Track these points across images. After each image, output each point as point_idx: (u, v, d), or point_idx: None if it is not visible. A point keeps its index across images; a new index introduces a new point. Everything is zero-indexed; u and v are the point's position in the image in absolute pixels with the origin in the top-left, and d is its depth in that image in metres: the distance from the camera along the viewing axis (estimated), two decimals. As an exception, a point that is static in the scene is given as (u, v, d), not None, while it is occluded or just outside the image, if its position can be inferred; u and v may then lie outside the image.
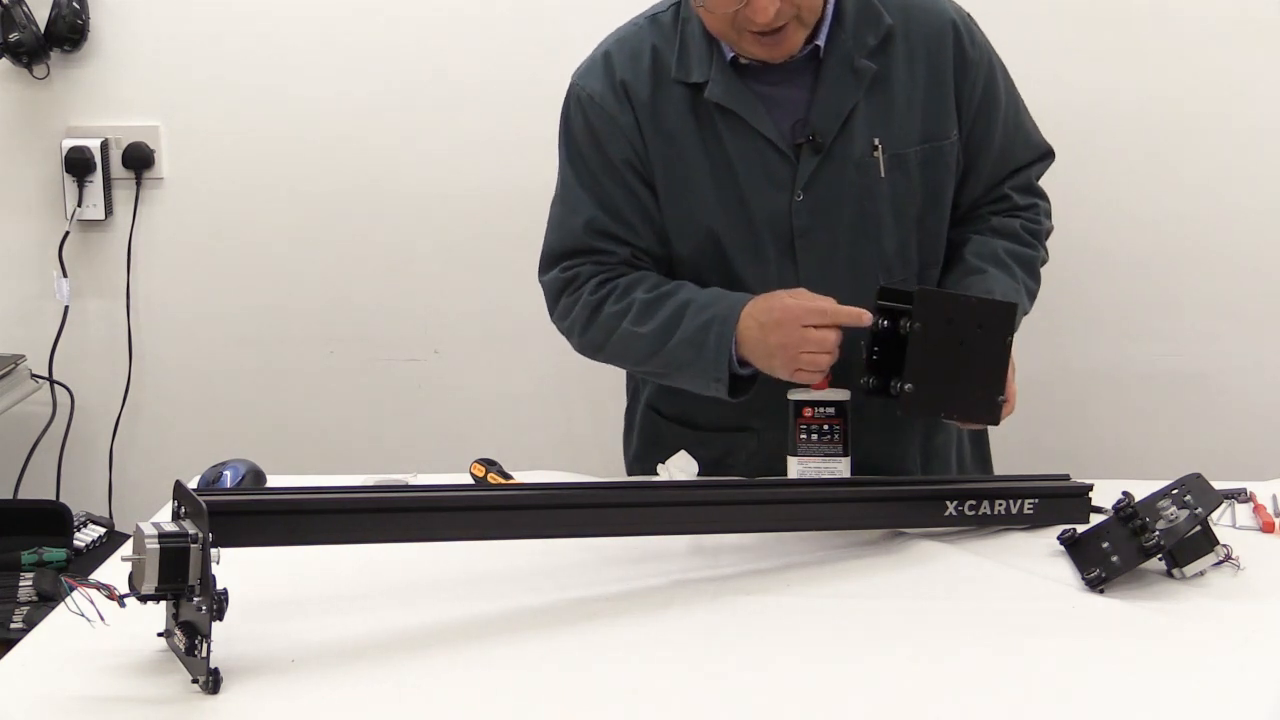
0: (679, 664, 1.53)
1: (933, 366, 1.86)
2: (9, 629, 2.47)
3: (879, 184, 2.01)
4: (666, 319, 1.96)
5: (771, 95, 1.99)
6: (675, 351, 1.96)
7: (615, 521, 1.75)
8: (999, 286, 2.02)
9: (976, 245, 2.09)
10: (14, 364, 3.00)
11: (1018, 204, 2.14)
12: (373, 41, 2.97)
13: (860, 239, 2.02)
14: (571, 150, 2.08)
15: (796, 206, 2.00)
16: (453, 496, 1.74)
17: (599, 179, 2.04)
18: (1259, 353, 2.92)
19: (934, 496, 1.87)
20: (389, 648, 1.55)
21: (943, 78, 2.02)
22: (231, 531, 1.47)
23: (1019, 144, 2.13)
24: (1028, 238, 2.12)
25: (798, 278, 2.01)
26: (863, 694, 1.47)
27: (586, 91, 2.05)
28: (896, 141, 2.01)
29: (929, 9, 2.04)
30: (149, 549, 1.42)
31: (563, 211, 2.09)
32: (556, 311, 2.11)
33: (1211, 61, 2.83)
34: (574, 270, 2.06)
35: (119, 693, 1.46)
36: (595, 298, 2.03)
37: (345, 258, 3.05)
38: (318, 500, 1.65)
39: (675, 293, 1.99)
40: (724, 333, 1.91)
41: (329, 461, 2.85)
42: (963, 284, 2.03)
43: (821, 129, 1.99)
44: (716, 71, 1.98)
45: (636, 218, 2.04)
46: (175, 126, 3.02)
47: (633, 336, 1.99)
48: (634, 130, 2.02)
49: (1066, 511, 1.91)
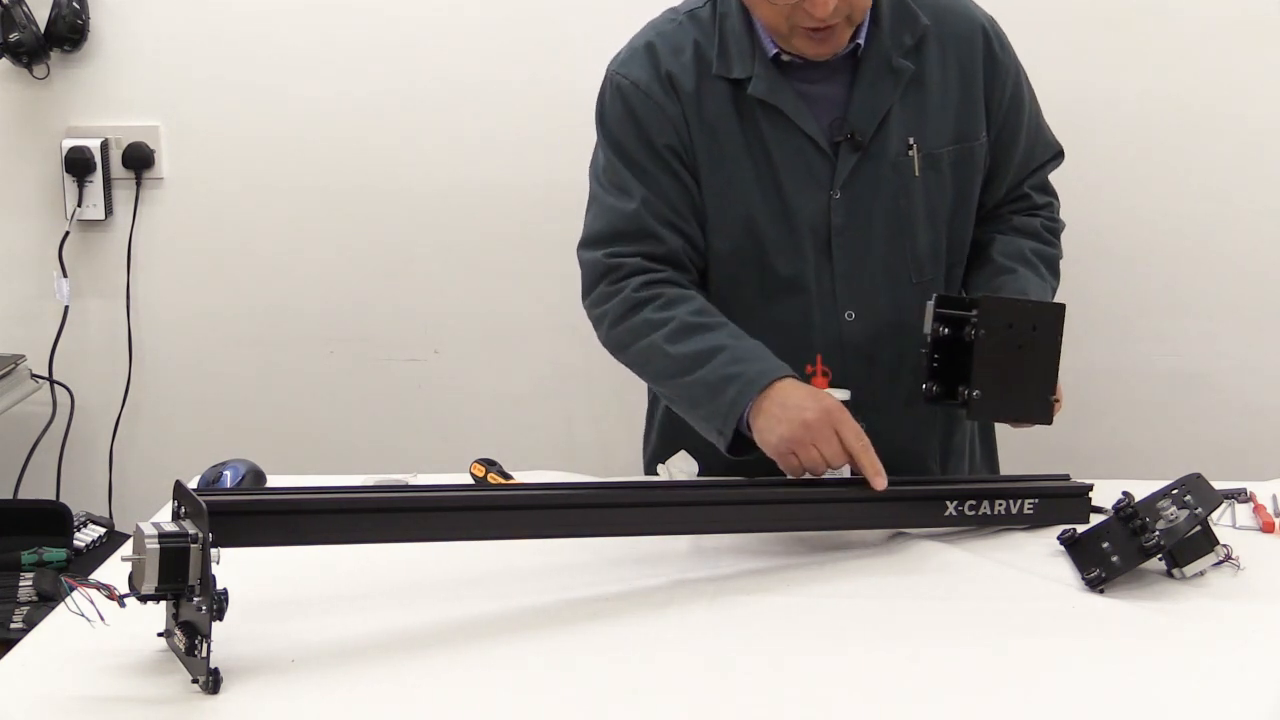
0: (679, 664, 1.53)
1: (996, 371, 1.90)
2: (9, 629, 2.47)
3: (913, 183, 2.02)
4: (697, 352, 1.93)
5: (811, 93, 2.00)
6: (692, 387, 1.93)
7: (615, 521, 1.75)
8: (1031, 286, 2.04)
9: (1003, 245, 2.10)
10: (14, 364, 3.00)
11: (1036, 203, 2.17)
12: (373, 41, 2.97)
13: (894, 237, 2.03)
14: (612, 143, 2.05)
15: (834, 204, 2.00)
16: (453, 496, 1.74)
17: (645, 168, 2.02)
18: (1259, 353, 2.92)
19: (934, 497, 1.87)
20: (389, 648, 1.55)
21: (973, 80, 2.04)
22: (231, 531, 1.47)
23: (1039, 145, 2.16)
24: (1049, 236, 2.15)
25: (832, 275, 2.02)
26: (862, 693, 1.47)
27: (629, 80, 2.03)
28: (930, 141, 2.02)
29: (959, 12, 2.06)
30: (149, 549, 1.42)
31: (610, 194, 2.05)
32: (591, 296, 2.06)
33: (1212, 62, 2.83)
34: (620, 260, 2.02)
35: (119, 693, 1.46)
36: (637, 296, 1.99)
37: (345, 258, 3.05)
38: (317, 500, 1.65)
39: (716, 329, 1.95)
40: (744, 394, 1.87)
41: (329, 461, 2.85)
42: (994, 284, 2.05)
43: (860, 127, 1.99)
44: (759, 68, 1.98)
45: (684, 205, 2.02)
46: (175, 126, 3.02)
47: (659, 353, 1.96)
48: (680, 120, 2.00)
49: (1066, 511, 1.91)
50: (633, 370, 2.07)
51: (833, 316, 2.03)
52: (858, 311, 2.03)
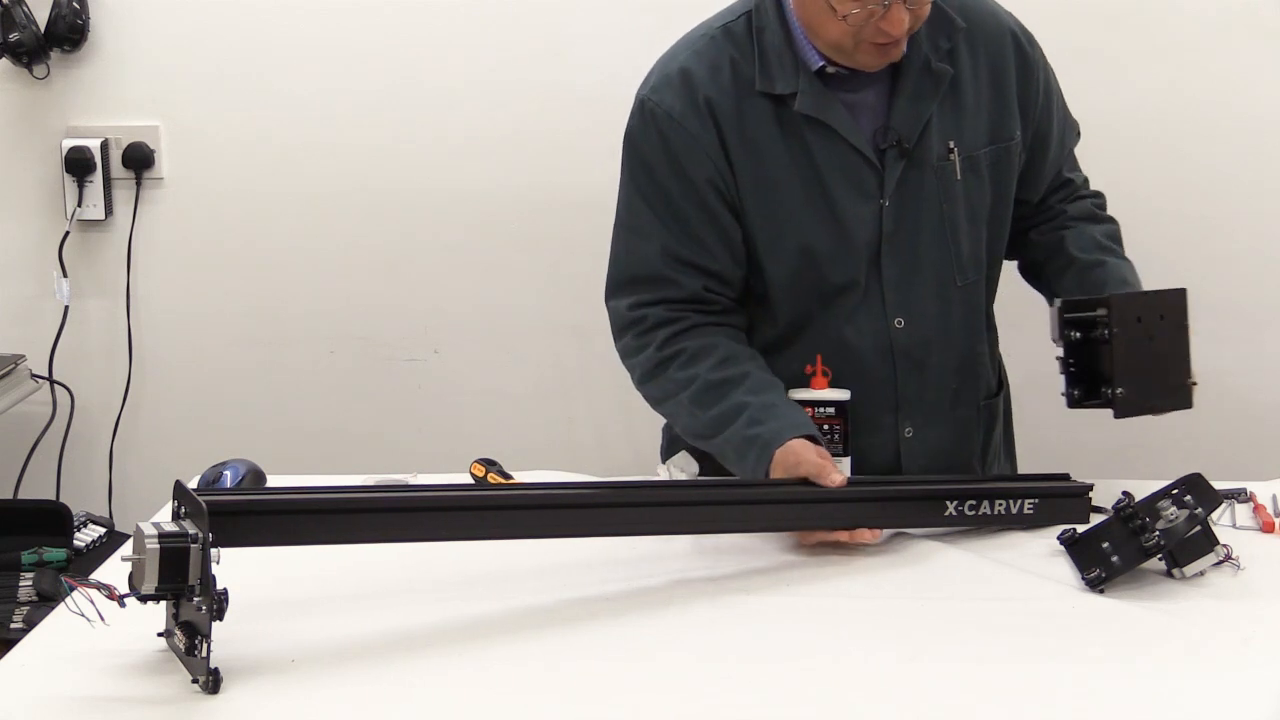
0: (679, 664, 1.53)
1: (1134, 365, 1.93)
2: (9, 629, 2.47)
3: (955, 186, 2.01)
4: (721, 415, 1.93)
5: (853, 102, 1.98)
6: (722, 447, 1.94)
7: (615, 521, 1.75)
8: (1126, 271, 2.07)
9: (1076, 240, 2.11)
10: (14, 364, 3.00)
11: (1076, 185, 2.18)
12: (372, 41, 2.97)
13: (939, 241, 2.03)
14: (641, 170, 2.01)
15: (885, 212, 1.99)
16: (453, 496, 1.74)
17: (674, 201, 1.99)
18: (1259, 353, 2.92)
19: (934, 496, 1.87)
20: (389, 648, 1.55)
21: (1005, 80, 2.03)
22: (231, 531, 1.47)
23: (1069, 133, 2.17)
24: (1103, 214, 2.18)
25: (881, 283, 2.01)
26: (862, 693, 1.47)
27: (663, 109, 1.98)
28: (968, 144, 2.02)
29: (986, 13, 2.05)
30: (149, 549, 1.42)
31: (631, 237, 2.03)
32: (620, 344, 2.06)
33: (1212, 61, 2.83)
34: (643, 311, 2.01)
35: (119, 693, 1.46)
36: (662, 354, 1.99)
37: (345, 258, 3.05)
38: (317, 500, 1.65)
39: (737, 385, 1.94)
40: (763, 456, 1.87)
41: (329, 461, 2.85)
42: (1088, 279, 2.05)
43: (905, 134, 1.98)
44: (804, 83, 1.96)
45: (713, 240, 1.99)
46: (175, 126, 3.02)
47: (687, 413, 1.98)
48: (718, 149, 1.97)
49: (1066, 511, 1.91)
50: (668, 420, 2.10)
51: (882, 324, 2.03)
52: (907, 318, 2.03)
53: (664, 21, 2.14)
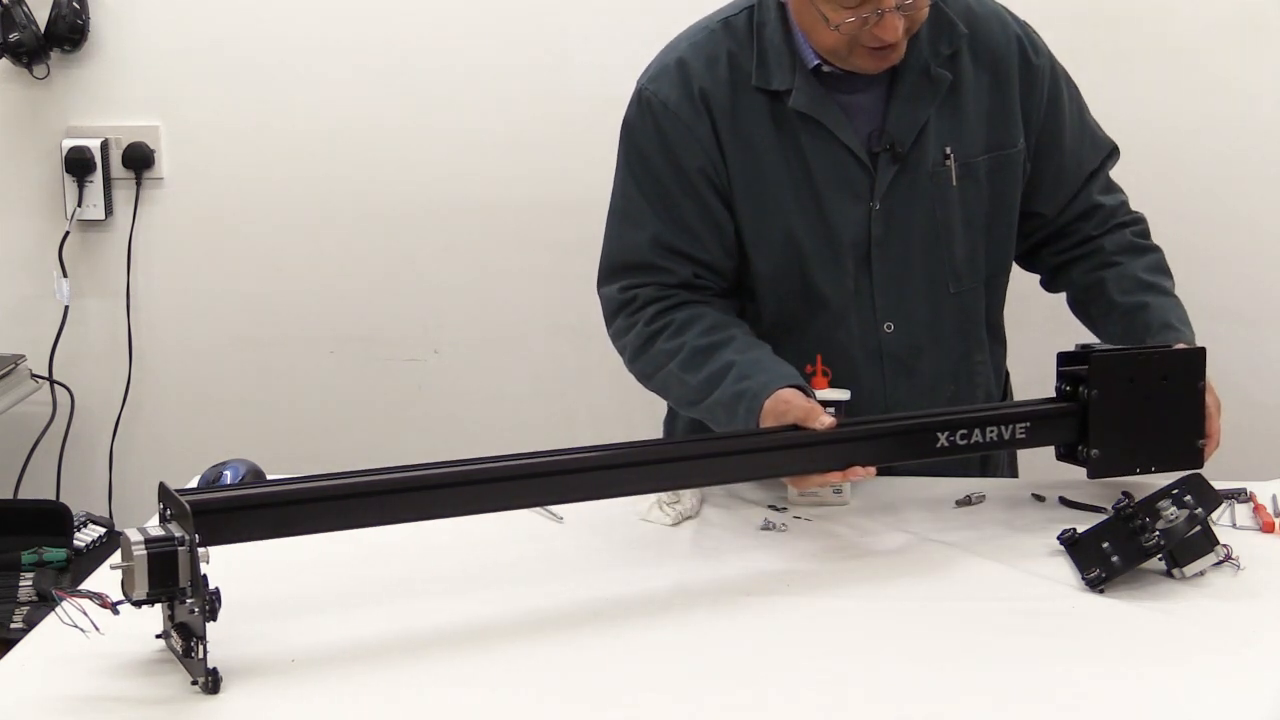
0: (680, 664, 1.53)
1: (1119, 427, 1.88)
2: (9, 629, 2.47)
3: (950, 192, 2.00)
4: (709, 376, 1.93)
5: (849, 103, 1.98)
6: (713, 409, 1.94)
7: (609, 483, 1.74)
8: (1168, 314, 2.02)
9: (1117, 281, 2.07)
10: (14, 364, 3.00)
11: (1113, 212, 2.13)
12: (373, 42, 2.97)
13: (932, 247, 2.02)
14: (636, 158, 2.02)
15: (874, 215, 1.99)
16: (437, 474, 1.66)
17: (667, 190, 1.99)
18: (1259, 353, 2.92)
19: (925, 429, 1.85)
20: (388, 647, 1.55)
21: (1008, 87, 2.02)
22: (218, 529, 1.47)
23: (1087, 146, 2.12)
24: (1144, 243, 2.13)
25: (871, 286, 2.01)
26: (863, 694, 1.47)
27: (659, 98, 1.98)
28: (966, 150, 2.01)
29: (991, 18, 2.03)
30: (136, 556, 1.42)
31: (623, 224, 2.04)
32: (612, 328, 2.07)
33: (1212, 62, 2.83)
34: (634, 292, 2.02)
35: (119, 693, 1.46)
36: (650, 329, 2.00)
37: (345, 258, 3.05)
38: (302, 490, 1.61)
39: (724, 346, 1.94)
40: (752, 408, 1.87)
41: (329, 462, 2.80)
42: (1133, 324, 2.02)
43: (899, 138, 1.97)
44: (800, 80, 1.96)
45: (705, 230, 2.00)
46: (175, 126, 3.02)
47: (677, 381, 1.98)
48: (711, 140, 1.97)
49: (1059, 430, 1.90)
50: (660, 396, 2.09)
51: (872, 328, 2.03)
52: (896, 323, 2.03)
53: (664, 22, 2.14)
